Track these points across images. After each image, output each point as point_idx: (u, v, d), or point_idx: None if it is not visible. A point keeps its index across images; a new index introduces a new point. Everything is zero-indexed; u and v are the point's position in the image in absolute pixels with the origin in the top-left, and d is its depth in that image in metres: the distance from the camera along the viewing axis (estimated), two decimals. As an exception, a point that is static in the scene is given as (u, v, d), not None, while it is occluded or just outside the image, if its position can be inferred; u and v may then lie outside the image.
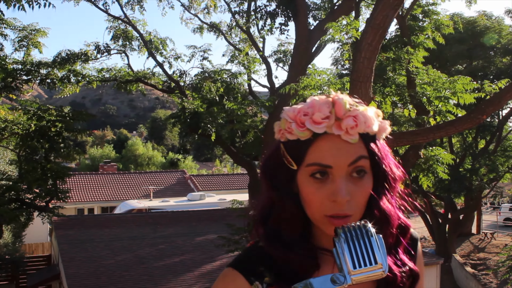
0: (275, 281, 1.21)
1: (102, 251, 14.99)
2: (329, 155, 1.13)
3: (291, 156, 1.17)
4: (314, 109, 1.15)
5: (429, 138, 5.62)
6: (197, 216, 19.60)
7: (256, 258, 1.25)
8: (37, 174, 9.74)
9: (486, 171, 20.02)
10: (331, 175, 1.14)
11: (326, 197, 1.14)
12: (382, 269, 1.03)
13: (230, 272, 1.25)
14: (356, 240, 1.04)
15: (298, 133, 1.15)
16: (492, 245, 23.78)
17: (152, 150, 56.21)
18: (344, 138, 1.13)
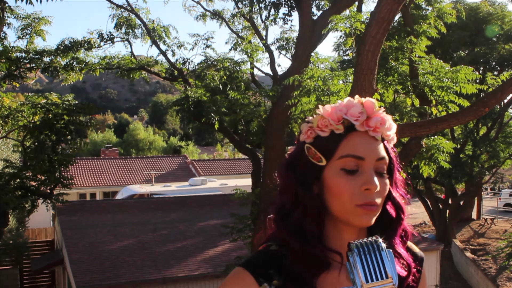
0: (283, 285, 1.29)
1: (105, 236, 15.12)
2: (361, 148, 1.28)
3: (321, 152, 1.30)
4: (348, 107, 1.31)
5: (431, 130, 5.68)
6: (199, 201, 19.71)
7: (266, 261, 1.33)
8: (45, 166, 9.82)
9: (487, 157, 20.07)
10: (361, 168, 1.28)
11: (357, 187, 1.27)
12: (392, 282, 1.11)
13: (240, 272, 1.33)
14: (368, 254, 1.12)
15: (335, 127, 1.29)
16: (492, 231, 23.92)
17: (153, 134, 56.25)
18: (371, 134, 1.29)
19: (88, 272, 12.52)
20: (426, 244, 15.60)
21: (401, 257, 1.37)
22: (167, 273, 12.95)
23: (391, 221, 1.37)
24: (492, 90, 5.44)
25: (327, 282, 1.29)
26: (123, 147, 51.40)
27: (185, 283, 13.00)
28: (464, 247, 21.03)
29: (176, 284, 12.89)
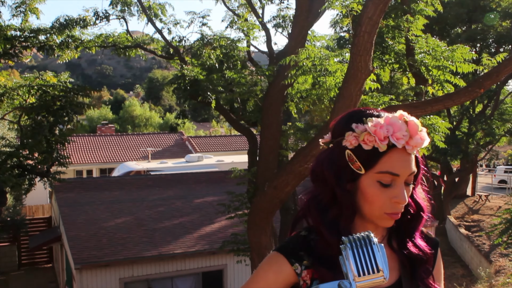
0: (311, 265, 1.46)
1: (102, 213, 15.19)
2: (398, 166, 1.41)
3: (362, 162, 1.42)
4: (395, 128, 1.40)
5: (426, 111, 5.71)
6: (196, 178, 19.77)
7: (297, 245, 1.50)
8: (43, 147, 9.83)
9: (483, 135, 20.13)
10: (394, 182, 1.43)
11: (389, 199, 1.42)
12: (383, 276, 1.16)
13: (274, 255, 1.50)
14: (360, 249, 1.18)
15: (380, 146, 1.40)
16: (486, 207, 24.10)
17: (149, 111, 56.16)
18: (409, 151, 1.43)
19: (86, 249, 12.62)
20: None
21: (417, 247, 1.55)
22: (164, 250, 13.06)
23: (411, 219, 1.55)
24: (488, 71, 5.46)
25: None
26: (119, 124, 51.33)
27: (182, 259, 13.12)
28: (458, 224, 21.22)
29: (173, 260, 13.01)
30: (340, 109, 5.40)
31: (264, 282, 1.48)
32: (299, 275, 1.46)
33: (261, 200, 6.71)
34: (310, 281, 1.46)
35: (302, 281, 1.46)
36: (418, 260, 1.53)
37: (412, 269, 1.53)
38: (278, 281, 1.47)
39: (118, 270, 12.44)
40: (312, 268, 1.46)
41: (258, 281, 1.49)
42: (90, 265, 12.07)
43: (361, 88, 5.25)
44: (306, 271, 1.46)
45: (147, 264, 12.72)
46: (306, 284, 1.46)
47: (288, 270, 1.46)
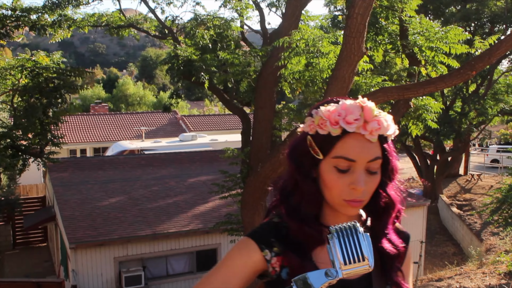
0: (281, 252, 1.45)
1: (96, 193, 15.23)
2: (354, 151, 1.38)
3: (319, 147, 1.42)
4: (347, 112, 1.38)
5: (418, 93, 5.73)
6: (189, 157, 19.80)
7: (269, 231, 1.49)
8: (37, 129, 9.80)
9: (476, 114, 20.19)
10: (352, 168, 1.39)
11: (346, 185, 1.39)
12: (368, 264, 1.20)
13: (245, 240, 1.50)
14: (346, 238, 1.21)
15: (331, 130, 1.38)
16: (478, 186, 24.28)
17: (143, 89, 55.93)
18: (367, 137, 1.39)
19: (80, 229, 12.68)
20: (414, 200, 15.85)
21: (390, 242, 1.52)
22: (158, 229, 13.14)
23: (383, 212, 1.52)
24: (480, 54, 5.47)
25: (322, 255, 1.43)
26: (112, 102, 51.14)
27: (176, 238, 13.21)
28: (450, 203, 21.40)
29: (167, 239, 13.10)
30: (333, 90, 5.42)
31: (233, 267, 1.46)
32: (269, 262, 1.45)
33: (254, 180, 6.76)
34: (279, 268, 1.45)
35: (272, 268, 1.46)
36: (389, 256, 1.49)
37: (382, 265, 1.49)
38: (246, 267, 1.46)
39: (113, 249, 12.53)
40: (282, 256, 1.45)
41: (227, 265, 1.47)
42: (84, 244, 12.14)
43: (354, 70, 5.26)
44: (276, 258, 1.45)
45: (141, 243, 12.81)
46: (276, 271, 1.46)
47: (258, 256, 1.45)
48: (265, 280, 1.51)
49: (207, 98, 55.78)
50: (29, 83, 9.58)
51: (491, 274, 11.75)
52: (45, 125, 10.06)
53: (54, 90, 9.61)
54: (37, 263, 17.55)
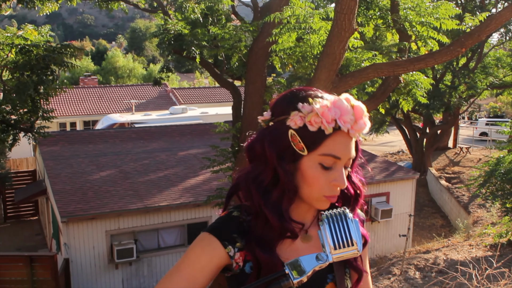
0: (244, 247, 1.46)
1: (87, 167, 15.24)
2: (340, 149, 1.41)
3: (305, 143, 1.40)
4: (342, 111, 1.39)
5: (409, 70, 5.77)
6: (180, 130, 19.82)
7: (230, 226, 1.48)
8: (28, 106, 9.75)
9: (465, 88, 20.27)
10: (335, 165, 1.42)
11: (328, 181, 1.42)
12: (357, 249, 1.25)
13: (206, 237, 1.48)
14: (336, 224, 1.26)
15: (327, 127, 1.38)
16: (467, 159, 24.52)
17: (132, 61, 55.49)
18: (352, 135, 1.43)
19: (72, 202, 12.72)
20: (403, 173, 16.02)
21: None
22: (149, 202, 13.21)
23: (349, 201, 1.56)
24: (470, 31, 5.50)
25: (287, 246, 1.48)
26: (101, 75, 50.74)
27: (167, 212, 13.30)
28: (439, 175, 21.62)
29: (158, 213, 13.18)
30: (323, 66, 5.44)
31: (197, 265, 1.45)
32: (232, 258, 1.46)
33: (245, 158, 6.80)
34: (242, 263, 1.46)
35: (235, 263, 1.46)
36: None
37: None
38: (211, 264, 1.45)
39: (104, 223, 12.60)
40: (245, 250, 1.45)
41: (191, 263, 1.46)
42: (76, 218, 12.19)
43: (345, 46, 5.28)
44: (239, 253, 1.46)
45: (133, 216, 12.88)
46: (239, 266, 1.47)
47: (221, 253, 1.45)
48: (228, 274, 1.51)
49: (197, 70, 55.48)
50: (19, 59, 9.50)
51: (478, 246, 11.97)
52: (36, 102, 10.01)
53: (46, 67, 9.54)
54: (28, 237, 17.62)
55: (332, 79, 5.49)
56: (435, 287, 7.95)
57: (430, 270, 9.79)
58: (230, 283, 1.53)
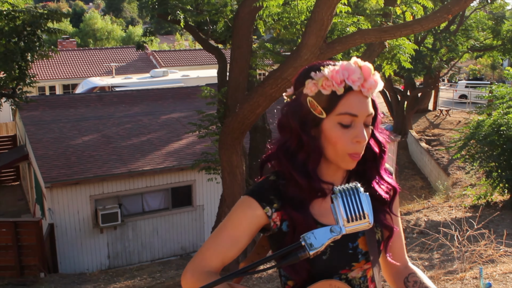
0: (281, 207, 1.58)
1: (69, 131, 15.11)
2: (356, 107, 1.53)
3: (322, 106, 1.54)
4: (350, 72, 1.52)
5: (395, 36, 5.80)
6: (162, 94, 19.68)
7: (267, 189, 1.61)
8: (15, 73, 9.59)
9: (446, 51, 20.34)
10: (354, 123, 1.54)
11: (350, 139, 1.53)
12: (368, 221, 1.31)
13: (246, 199, 1.62)
14: (349, 197, 1.32)
15: (338, 89, 1.52)
16: (447, 122, 24.82)
17: (111, 23, 54.54)
18: (365, 94, 1.54)
19: (55, 168, 12.68)
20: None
21: (387, 182, 1.69)
22: (133, 166, 13.22)
23: (374, 157, 1.66)
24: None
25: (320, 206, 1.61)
26: (80, 37, 49.85)
27: (151, 176, 13.34)
28: (419, 138, 21.88)
29: (142, 177, 13.22)
30: (311, 32, 5.44)
31: (239, 226, 1.60)
32: (270, 217, 1.59)
33: (232, 121, 6.83)
34: (280, 222, 1.59)
35: (273, 222, 1.59)
36: (378, 200, 1.64)
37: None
38: (251, 224, 1.59)
39: (88, 188, 12.62)
40: (282, 210, 1.58)
41: (234, 225, 1.61)
42: (60, 183, 12.18)
43: (333, 12, 5.28)
44: (276, 213, 1.58)
45: (116, 181, 12.90)
46: (276, 225, 1.59)
47: (261, 214, 1.58)
48: (267, 234, 1.65)
49: (177, 32, 54.74)
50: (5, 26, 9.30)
51: (457, 208, 12.25)
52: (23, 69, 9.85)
53: (32, 33, 9.36)
54: (11, 202, 17.57)
55: (319, 45, 5.50)
56: (417, 248, 8.17)
57: (411, 231, 10.02)
58: (272, 242, 1.67)
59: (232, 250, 1.60)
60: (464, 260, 6.31)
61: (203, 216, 14.08)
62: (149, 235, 13.53)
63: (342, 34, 7.72)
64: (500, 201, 11.49)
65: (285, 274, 1.66)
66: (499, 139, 11.01)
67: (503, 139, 10.93)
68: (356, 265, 1.62)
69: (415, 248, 8.27)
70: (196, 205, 14.00)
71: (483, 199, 11.68)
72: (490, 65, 43.14)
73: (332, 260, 1.57)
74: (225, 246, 1.60)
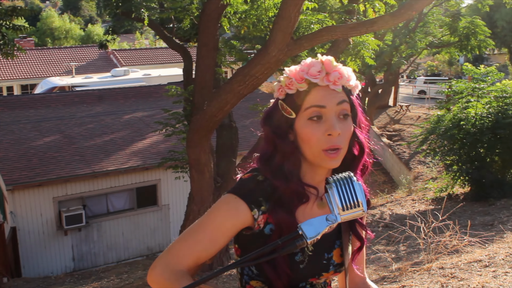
0: (267, 210, 1.53)
1: (29, 132, 14.83)
2: (322, 99, 1.51)
3: (291, 107, 1.54)
4: (309, 67, 1.52)
5: (362, 32, 5.90)
6: (124, 93, 19.50)
7: (255, 189, 1.55)
8: None
9: (406, 47, 20.68)
10: (324, 116, 1.51)
11: (322, 133, 1.50)
12: (362, 209, 1.35)
13: (233, 200, 1.54)
14: (344, 186, 1.35)
15: (299, 86, 1.52)
16: (407, 117, 25.25)
17: (69, 22, 53.59)
18: (332, 87, 1.52)
19: (16, 170, 12.42)
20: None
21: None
22: (97, 167, 13.06)
23: (353, 158, 1.63)
24: (421, -7, 5.65)
25: (305, 212, 1.58)
26: (37, 36, 48.81)
27: (115, 176, 13.22)
28: (381, 133, 22.22)
29: (106, 177, 13.08)
30: (279, 29, 5.49)
31: (222, 227, 1.52)
32: (255, 220, 1.53)
33: (200, 118, 6.82)
34: (263, 225, 1.53)
35: (257, 224, 1.53)
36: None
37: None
38: (234, 227, 1.53)
39: (52, 189, 12.41)
40: (267, 213, 1.52)
41: (215, 224, 1.52)
42: (22, 185, 11.96)
43: (300, 9, 5.33)
44: (262, 215, 1.52)
45: (80, 182, 12.74)
46: (259, 226, 1.53)
47: (247, 216, 1.52)
48: (247, 232, 1.56)
49: (137, 31, 54.18)
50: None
51: (420, 201, 12.50)
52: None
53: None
54: (-30, 205, 17.10)
55: (287, 42, 5.55)
56: (384, 241, 8.31)
57: (377, 225, 10.19)
58: (248, 240, 1.57)
59: (209, 250, 1.52)
60: (430, 251, 6.46)
61: (168, 215, 14.02)
62: (115, 236, 13.40)
63: (306, 31, 7.79)
64: (461, 193, 11.77)
65: (249, 273, 1.61)
66: (459, 133, 11.28)
67: (463, 133, 11.20)
68: (325, 275, 1.62)
69: (381, 241, 8.42)
70: (161, 204, 13.94)
71: (445, 192, 11.95)
72: (447, 61, 44.13)
73: (307, 269, 1.56)
74: (203, 245, 1.51)
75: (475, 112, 11.24)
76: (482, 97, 11.44)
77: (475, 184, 11.08)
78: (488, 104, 11.30)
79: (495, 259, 5.91)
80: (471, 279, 5.29)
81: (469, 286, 5.06)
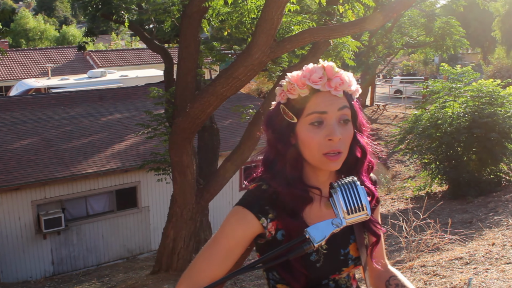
0: (276, 217, 1.58)
1: (6, 135, 14.62)
2: (323, 105, 1.54)
3: (292, 111, 1.58)
4: (311, 73, 1.56)
5: (343, 34, 5.96)
6: (101, 95, 19.35)
7: (261, 199, 1.59)
8: None
9: (383, 47, 20.92)
10: (325, 121, 1.54)
11: (323, 138, 1.53)
12: (366, 213, 1.38)
13: (241, 210, 1.59)
14: (348, 191, 1.39)
15: (300, 91, 1.55)
16: (384, 116, 25.49)
17: (43, 23, 52.94)
18: (333, 93, 1.55)
19: (-6, 173, 12.25)
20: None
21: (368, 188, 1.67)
22: (76, 170, 12.92)
23: (356, 161, 1.66)
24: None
25: (312, 213, 1.62)
26: (11, 37, 48.10)
27: (95, 178, 13.09)
28: (358, 133, 22.35)
29: (85, 180, 12.95)
30: (262, 31, 5.52)
31: (234, 238, 1.57)
32: (265, 228, 1.58)
33: (183, 120, 6.82)
34: (275, 232, 1.58)
35: (268, 232, 1.58)
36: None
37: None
38: (246, 236, 1.58)
39: (30, 193, 12.25)
40: (276, 220, 1.57)
41: (228, 237, 1.58)
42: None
43: (283, 11, 5.37)
44: (272, 223, 1.57)
45: (59, 185, 12.59)
46: (271, 234, 1.59)
47: (256, 225, 1.57)
48: (261, 241, 1.63)
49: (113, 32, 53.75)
50: None
51: (399, 200, 12.66)
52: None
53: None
54: None
55: (270, 44, 5.58)
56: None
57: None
58: (264, 249, 1.63)
59: (226, 261, 1.58)
60: (411, 250, 6.55)
61: (148, 217, 13.95)
62: (94, 239, 13.29)
63: (287, 33, 7.84)
64: (440, 191, 11.95)
65: (274, 277, 1.66)
66: (436, 132, 11.45)
67: (440, 132, 11.38)
68: (345, 270, 1.67)
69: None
70: (141, 206, 13.86)
71: (423, 190, 12.12)
72: (423, 61, 44.63)
73: (325, 267, 1.60)
74: (219, 257, 1.57)
75: (452, 112, 11.43)
76: (459, 97, 11.63)
77: (453, 182, 11.26)
78: (464, 104, 11.49)
79: (475, 256, 6.02)
80: (453, 277, 5.38)
81: (452, 283, 5.16)
